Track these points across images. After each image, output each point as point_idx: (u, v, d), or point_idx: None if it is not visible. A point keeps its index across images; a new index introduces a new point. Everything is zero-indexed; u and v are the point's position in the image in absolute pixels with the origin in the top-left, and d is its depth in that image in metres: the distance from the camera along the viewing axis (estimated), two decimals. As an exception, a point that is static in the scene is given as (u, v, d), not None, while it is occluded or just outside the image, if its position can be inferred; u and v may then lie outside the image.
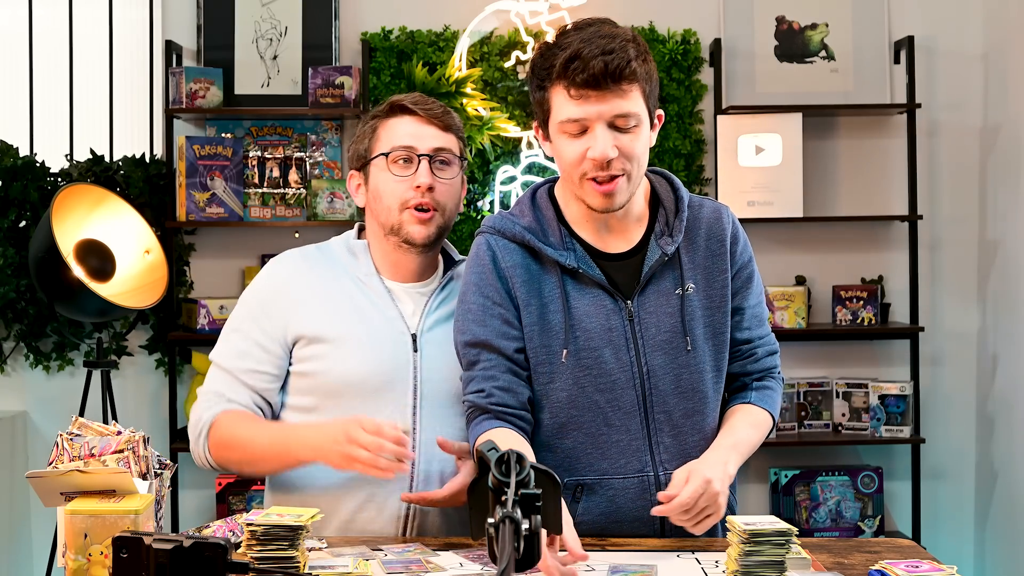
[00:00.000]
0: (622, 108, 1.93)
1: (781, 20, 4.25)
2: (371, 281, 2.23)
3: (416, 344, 2.19)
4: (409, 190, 2.19)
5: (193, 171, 4.07)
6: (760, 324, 2.14)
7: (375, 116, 2.26)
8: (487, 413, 2.02)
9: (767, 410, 2.12)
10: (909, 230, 4.16)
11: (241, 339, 2.20)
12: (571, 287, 2.04)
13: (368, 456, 1.99)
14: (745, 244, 2.12)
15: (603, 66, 1.89)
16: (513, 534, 1.37)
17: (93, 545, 1.62)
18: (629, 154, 1.96)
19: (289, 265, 2.25)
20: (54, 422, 4.20)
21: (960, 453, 4.31)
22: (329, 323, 2.17)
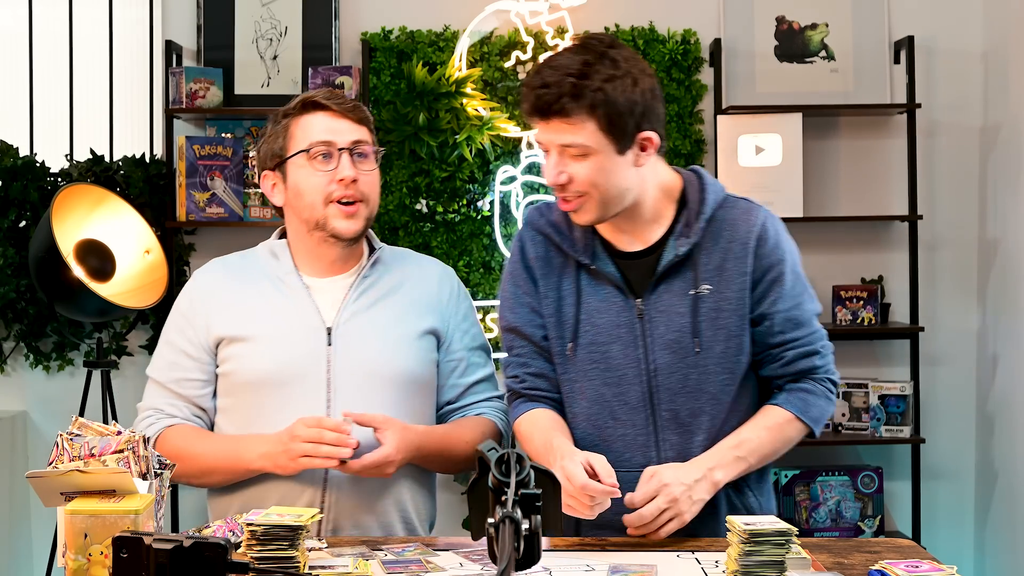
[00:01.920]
0: (565, 139, 1.97)
1: (781, 20, 4.25)
2: (289, 279, 2.26)
3: (330, 337, 2.20)
4: (332, 184, 2.21)
5: (193, 171, 4.07)
6: (796, 327, 2.09)
7: (287, 114, 2.27)
8: (522, 397, 2.16)
9: (793, 412, 2.08)
10: (909, 230, 4.16)
11: (169, 351, 2.26)
12: (586, 282, 2.09)
13: (309, 447, 2.05)
14: (775, 246, 2.08)
15: (535, 99, 1.97)
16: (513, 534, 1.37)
17: (93, 545, 1.62)
18: (581, 181, 1.98)
19: (208, 274, 2.32)
20: (54, 422, 4.20)
21: (960, 453, 4.31)
22: (245, 323, 2.22)
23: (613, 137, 1.97)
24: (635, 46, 4.18)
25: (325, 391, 2.19)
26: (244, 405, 2.21)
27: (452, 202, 4.19)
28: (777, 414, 2.09)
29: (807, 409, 2.09)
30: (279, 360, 2.19)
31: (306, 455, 2.07)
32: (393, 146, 4.17)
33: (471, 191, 4.21)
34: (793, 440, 2.11)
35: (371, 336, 2.23)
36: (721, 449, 2.04)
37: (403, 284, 2.31)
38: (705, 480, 1.99)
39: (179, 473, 2.18)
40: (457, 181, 4.19)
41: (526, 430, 2.14)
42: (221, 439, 2.21)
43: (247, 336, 2.21)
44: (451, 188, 4.19)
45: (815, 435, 2.15)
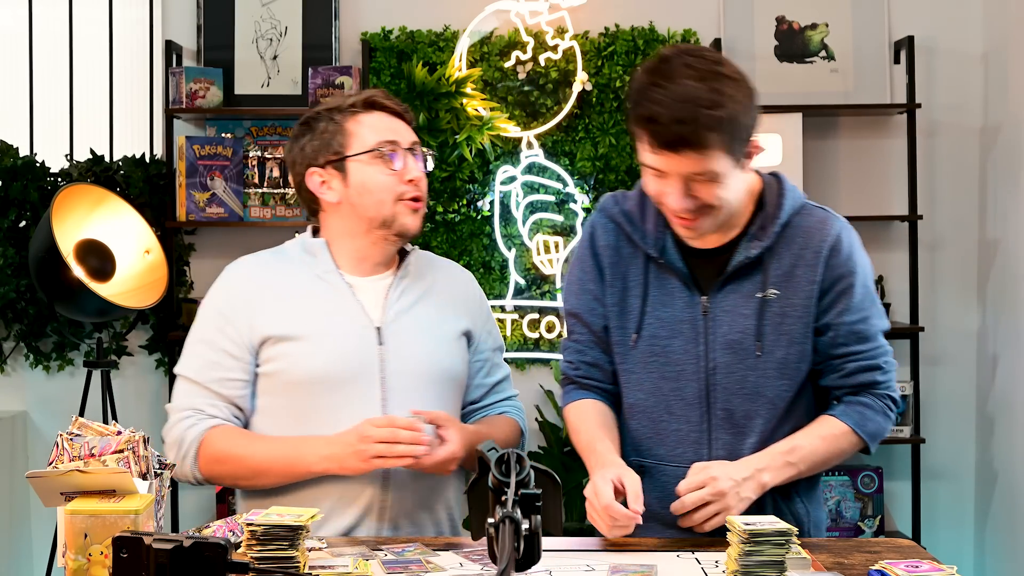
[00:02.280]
0: (696, 168, 1.93)
1: (781, 20, 4.25)
2: (331, 278, 2.24)
3: (381, 336, 2.20)
4: (400, 183, 2.21)
5: (193, 171, 4.07)
6: (860, 340, 2.08)
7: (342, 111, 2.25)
8: (575, 384, 2.20)
9: (849, 424, 2.06)
10: (909, 230, 4.16)
11: (208, 350, 2.20)
12: (653, 275, 2.09)
13: (383, 448, 2.04)
14: (848, 258, 2.07)
15: (670, 135, 1.90)
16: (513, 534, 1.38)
17: (93, 545, 1.62)
18: (706, 202, 1.97)
19: (245, 270, 2.27)
20: (54, 422, 4.19)
21: (960, 453, 4.31)
22: (293, 321, 2.18)
23: (735, 155, 1.96)
24: (635, 46, 4.19)
25: (380, 390, 2.17)
26: (291, 405, 2.17)
27: (452, 202, 4.20)
28: (833, 425, 2.07)
29: (864, 423, 2.07)
30: (333, 359, 2.16)
31: (379, 455, 2.05)
32: (393, 146, 4.17)
33: (471, 191, 4.21)
34: (846, 453, 2.09)
35: (418, 335, 2.23)
36: (772, 452, 2.03)
37: (435, 285, 2.32)
38: (753, 480, 1.98)
39: (224, 475, 2.15)
40: (457, 181, 4.19)
41: (575, 421, 2.17)
42: (275, 440, 2.16)
43: (296, 335, 2.16)
44: (451, 188, 4.19)
45: (870, 451, 2.12)
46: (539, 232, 4.17)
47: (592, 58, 4.19)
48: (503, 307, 4.19)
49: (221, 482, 2.20)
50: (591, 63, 4.19)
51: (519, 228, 4.17)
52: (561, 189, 4.17)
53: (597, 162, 4.19)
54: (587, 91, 4.18)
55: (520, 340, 4.19)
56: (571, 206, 4.17)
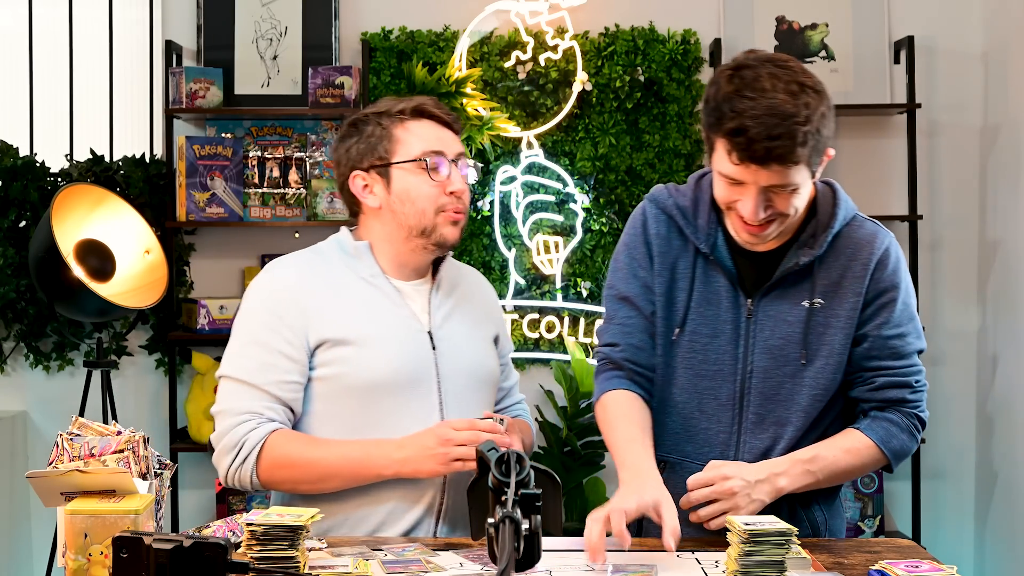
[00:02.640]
0: (780, 181, 1.91)
1: (781, 20, 4.25)
2: (378, 281, 2.21)
3: (432, 341, 2.20)
4: (443, 195, 2.20)
5: (193, 171, 4.07)
6: (893, 356, 2.06)
7: (390, 116, 2.22)
8: (619, 369, 2.12)
9: (874, 440, 2.05)
10: (909, 230, 4.16)
11: (263, 352, 2.13)
12: (701, 271, 2.08)
13: (466, 451, 2.04)
14: (894, 273, 2.06)
15: (765, 152, 1.87)
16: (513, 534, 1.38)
17: (93, 545, 1.62)
18: (780, 212, 1.96)
19: (293, 270, 2.20)
20: (54, 422, 4.20)
21: (960, 453, 4.31)
22: (349, 324, 2.14)
23: (813, 166, 1.95)
24: (635, 46, 4.19)
25: (437, 394, 2.18)
26: (349, 410, 2.14)
27: (452, 202, 4.19)
28: (858, 438, 2.06)
29: (889, 440, 2.06)
30: (394, 365, 2.14)
31: (460, 458, 2.05)
32: (393, 146, 4.17)
33: (471, 191, 4.20)
34: (868, 468, 2.09)
35: (465, 339, 2.25)
36: (792, 459, 2.01)
37: (467, 292, 2.33)
38: (767, 483, 1.97)
39: (286, 479, 2.11)
40: (457, 181, 4.19)
41: (613, 416, 2.09)
42: (343, 444, 2.12)
43: (352, 339, 2.13)
44: (451, 188, 4.19)
45: (892, 469, 2.11)
46: (539, 232, 4.17)
47: (592, 58, 4.19)
48: (503, 307, 4.18)
49: (280, 488, 2.15)
50: (591, 63, 4.19)
51: (519, 228, 4.17)
52: (561, 189, 4.17)
53: (597, 162, 4.19)
54: (587, 91, 4.18)
55: (520, 340, 4.19)
56: (571, 206, 4.17)
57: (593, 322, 4.16)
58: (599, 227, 4.19)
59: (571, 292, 4.19)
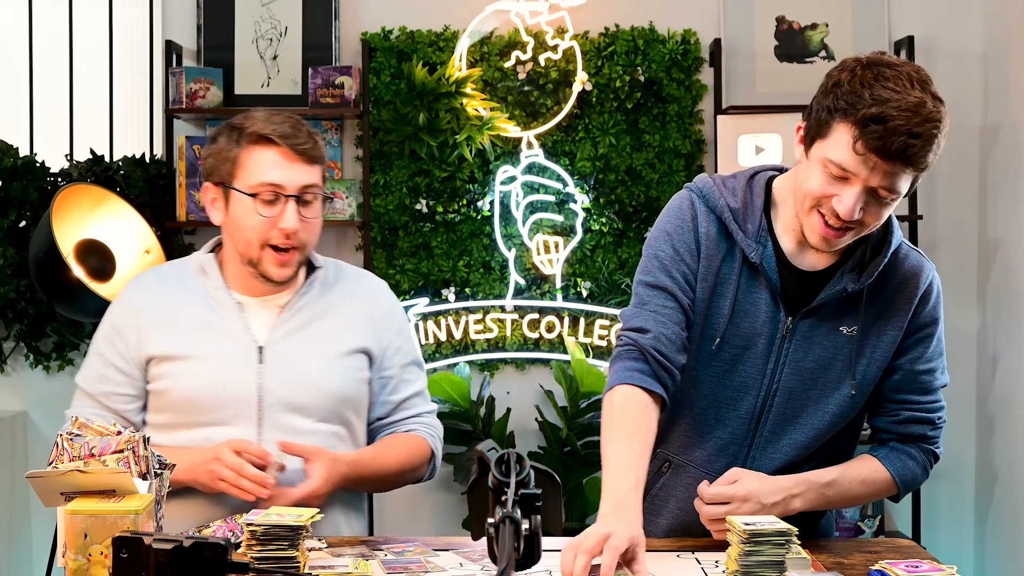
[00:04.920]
0: (891, 182, 1.83)
1: (781, 20, 4.25)
2: (220, 296, 2.24)
3: (262, 356, 2.20)
4: (272, 229, 2.17)
5: (193, 171, 4.07)
6: (921, 391, 2.06)
7: (240, 136, 2.18)
8: (643, 359, 1.94)
9: (891, 472, 2.04)
10: (909, 230, 4.16)
11: (99, 363, 2.25)
12: (745, 279, 1.99)
13: (231, 475, 2.03)
14: (935, 308, 2.04)
15: (902, 147, 1.79)
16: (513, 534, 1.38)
17: (93, 545, 1.62)
18: (871, 219, 1.89)
19: (141, 286, 2.29)
20: (54, 422, 4.19)
21: (960, 453, 4.31)
22: (177, 341, 2.20)
23: (914, 184, 1.89)
24: (635, 46, 4.19)
25: (256, 410, 2.18)
26: (175, 424, 2.20)
27: (452, 202, 4.20)
28: (876, 468, 2.04)
29: (904, 473, 2.06)
30: (211, 380, 2.17)
31: (224, 480, 2.05)
32: (393, 146, 4.17)
33: (471, 191, 4.21)
34: (878, 497, 2.09)
35: (303, 355, 2.22)
36: (811, 481, 1.98)
37: (338, 303, 2.29)
38: (781, 505, 1.94)
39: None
40: (457, 181, 4.19)
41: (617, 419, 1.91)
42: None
43: (179, 355, 2.19)
44: (451, 188, 4.19)
45: (898, 500, 2.11)
46: (539, 232, 4.17)
47: (592, 58, 4.19)
48: (503, 307, 4.18)
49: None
50: (591, 63, 4.19)
51: (519, 228, 4.17)
52: (561, 189, 4.17)
53: (597, 162, 4.19)
54: (587, 91, 4.18)
55: (520, 340, 4.19)
56: (571, 206, 4.17)
57: (593, 322, 4.16)
58: (599, 227, 4.19)
59: (571, 292, 4.19)
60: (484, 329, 4.18)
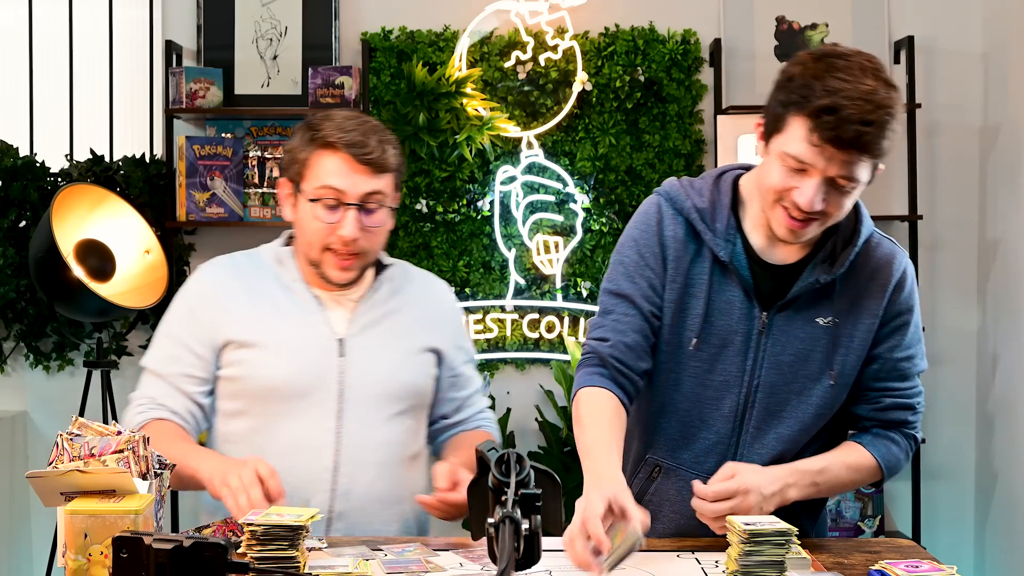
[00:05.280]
0: (849, 171, 1.85)
1: (781, 20, 4.25)
2: (297, 288, 2.24)
3: (343, 349, 2.20)
4: (332, 235, 2.17)
5: (193, 171, 4.07)
6: (901, 378, 2.05)
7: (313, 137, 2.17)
8: (603, 366, 2.00)
9: (876, 459, 2.03)
10: (909, 230, 4.16)
11: (172, 344, 2.23)
12: (717, 278, 2.01)
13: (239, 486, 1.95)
14: (909, 295, 2.03)
15: (855, 135, 1.81)
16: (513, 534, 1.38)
17: (93, 545, 1.62)
18: (834, 209, 1.90)
19: (219, 271, 2.28)
20: (54, 422, 4.20)
21: (960, 453, 4.31)
22: (255, 328, 2.19)
23: (875, 170, 1.90)
24: (635, 46, 4.19)
25: (336, 402, 2.18)
26: (250, 411, 2.19)
27: (452, 202, 4.20)
28: (862, 455, 2.04)
29: (888, 458, 2.05)
30: (292, 370, 2.17)
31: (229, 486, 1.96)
32: (393, 146, 4.17)
33: (471, 191, 4.21)
34: (863, 484, 2.08)
35: (381, 350, 2.23)
36: (802, 471, 1.98)
37: (408, 303, 2.30)
38: (779, 495, 1.94)
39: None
40: (457, 181, 4.19)
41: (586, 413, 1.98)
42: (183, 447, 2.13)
43: (257, 342, 2.18)
44: (451, 188, 4.19)
45: (882, 485, 2.12)
46: (539, 232, 4.17)
47: (592, 58, 4.19)
48: (503, 307, 4.19)
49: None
50: (591, 63, 4.19)
51: (519, 228, 4.17)
52: (561, 189, 4.17)
53: (597, 162, 4.19)
54: (587, 91, 4.18)
55: (520, 340, 4.19)
56: (571, 206, 4.17)
57: (593, 322, 4.16)
58: (599, 227, 4.19)
59: (571, 292, 4.19)
60: (484, 329, 4.18)
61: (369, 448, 2.18)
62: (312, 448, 2.16)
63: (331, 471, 2.16)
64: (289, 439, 2.17)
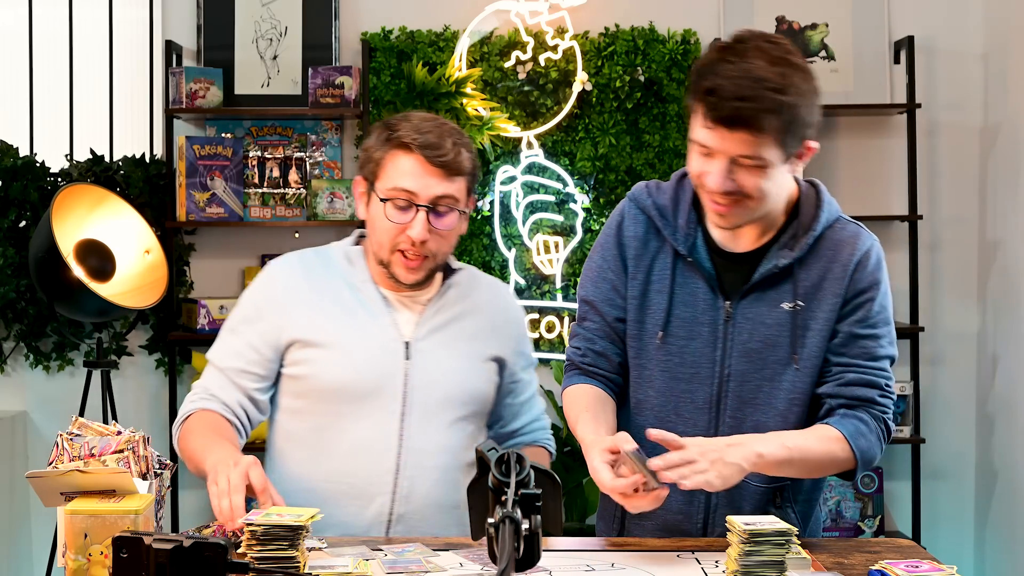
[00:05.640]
0: (746, 151, 1.88)
1: (781, 20, 4.25)
2: (366, 288, 2.23)
3: (408, 351, 2.20)
4: (402, 235, 2.16)
5: (193, 171, 4.07)
6: (866, 356, 2.01)
7: (389, 136, 2.17)
8: (579, 370, 2.12)
9: (842, 433, 1.97)
10: (909, 230, 4.16)
11: (235, 340, 2.23)
12: (680, 272, 2.05)
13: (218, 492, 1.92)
14: (873, 273, 2.01)
15: (731, 110, 1.86)
16: (513, 534, 1.38)
17: (93, 545, 1.62)
18: (746, 189, 1.92)
19: (287, 269, 2.27)
20: (54, 422, 4.19)
21: (960, 453, 4.31)
22: (322, 328, 2.19)
23: (786, 149, 1.91)
24: (635, 46, 4.19)
25: (400, 405, 2.18)
26: (314, 410, 2.19)
27: (452, 202, 4.19)
28: (827, 430, 1.98)
29: (857, 438, 1.96)
30: (357, 371, 2.17)
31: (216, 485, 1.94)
32: (393, 146, 4.17)
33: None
34: (838, 461, 1.99)
35: (446, 355, 2.22)
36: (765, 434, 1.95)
37: (475, 308, 2.29)
38: (743, 447, 1.90)
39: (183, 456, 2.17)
40: (457, 181, 4.19)
41: (568, 405, 2.10)
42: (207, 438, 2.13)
43: (324, 342, 2.18)
44: (451, 188, 4.19)
45: (856, 472, 2.02)
46: (539, 232, 4.17)
47: (592, 58, 4.19)
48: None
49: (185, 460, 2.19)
50: (591, 63, 4.19)
51: (519, 228, 4.17)
52: (561, 189, 4.17)
53: (597, 162, 4.19)
54: (587, 91, 4.18)
55: (520, 340, 4.19)
56: (571, 206, 4.17)
57: (593, 322, 4.16)
58: (599, 227, 4.19)
59: (571, 292, 4.20)
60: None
61: (430, 452, 2.18)
62: (375, 450, 2.17)
63: (393, 473, 2.16)
64: (352, 440, 2.17)
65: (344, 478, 2.16)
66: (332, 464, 2.17)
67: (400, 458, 2.17)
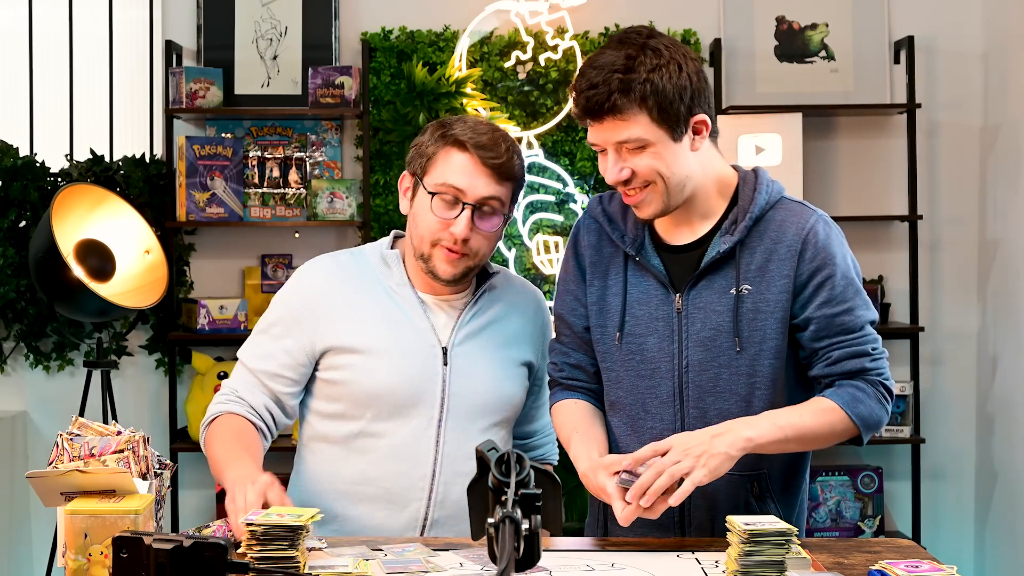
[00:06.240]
0: (621, 135, 1.96)
1: (781, 20, 4.25)
2: (403, 291, 2.22)
3: (446, 357, 2.20)
4: (444, 231, 2.16)
5: (193, 171, 4.07)
6: (844, 331, 2.00)
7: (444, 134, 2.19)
8: (560, 385, 2.19)
9: (838, 403, 1.97)
10: (909, 230, 4.16)
11: (268, 341, 2.22)
12: (632, 273, 2.10)
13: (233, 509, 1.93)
14: (823, 249, 2.01)
15: (585, 101, 1.96)
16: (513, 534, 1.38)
17: (93, 545, 1.62)
18: (644, 172, 1.97)
19: (322, 273, 2.25)
20: (54, 422, 4.20)
21: (960, 453, 4.31)
22: (360, 333, 2.17)
23: (667, 125, 1.95)
24: (635, 46, 4.18)
25: (439, 411, 2.18)
26: (350, 415, 2.18)
27: (452, 202, 4.20)
28: (821, 402, 1.99)
29: (855, 405, 1.97)
30: (397, 377, 2.16)
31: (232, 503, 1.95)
32: (393, 146, 4.17)
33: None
34: (837, 431, 1.98)
35: (482, 360, 2.22)
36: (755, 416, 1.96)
37: (509, 311, 2.30)
38: (729, 434, 1.90)
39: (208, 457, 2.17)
40: (457, 181, 4.19)
41: (557, 423, 2.18)
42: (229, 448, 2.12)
43: (362, 348, 2.17)
44: (451, 188, 4.19)
45: (862, 440, 2.02)
46: (539, 232, 4.17)
47: (592, 58, 4.19)
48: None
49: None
50: (591, 63, 4.18)
51: (519, 228, 4.17)
52: (561, 189, 4.17)
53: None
54: (587, 91, 4.17)
55: (520, 340, 4.19)
56: (571, 206, 4.17)
57: (593, 322, 4.16)
58: (599, 227, 4.19)
59: (571, 292, 4.19)
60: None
61: (465, 458, 2.16)
62: (412, 456, 2.16)
63: (429, 479, 2.16)
64: (389, 445, 2.16)
65: (378, 481, 2.16)
66: (365, 467, 2.17)
67: (436, 464, 2.17)
